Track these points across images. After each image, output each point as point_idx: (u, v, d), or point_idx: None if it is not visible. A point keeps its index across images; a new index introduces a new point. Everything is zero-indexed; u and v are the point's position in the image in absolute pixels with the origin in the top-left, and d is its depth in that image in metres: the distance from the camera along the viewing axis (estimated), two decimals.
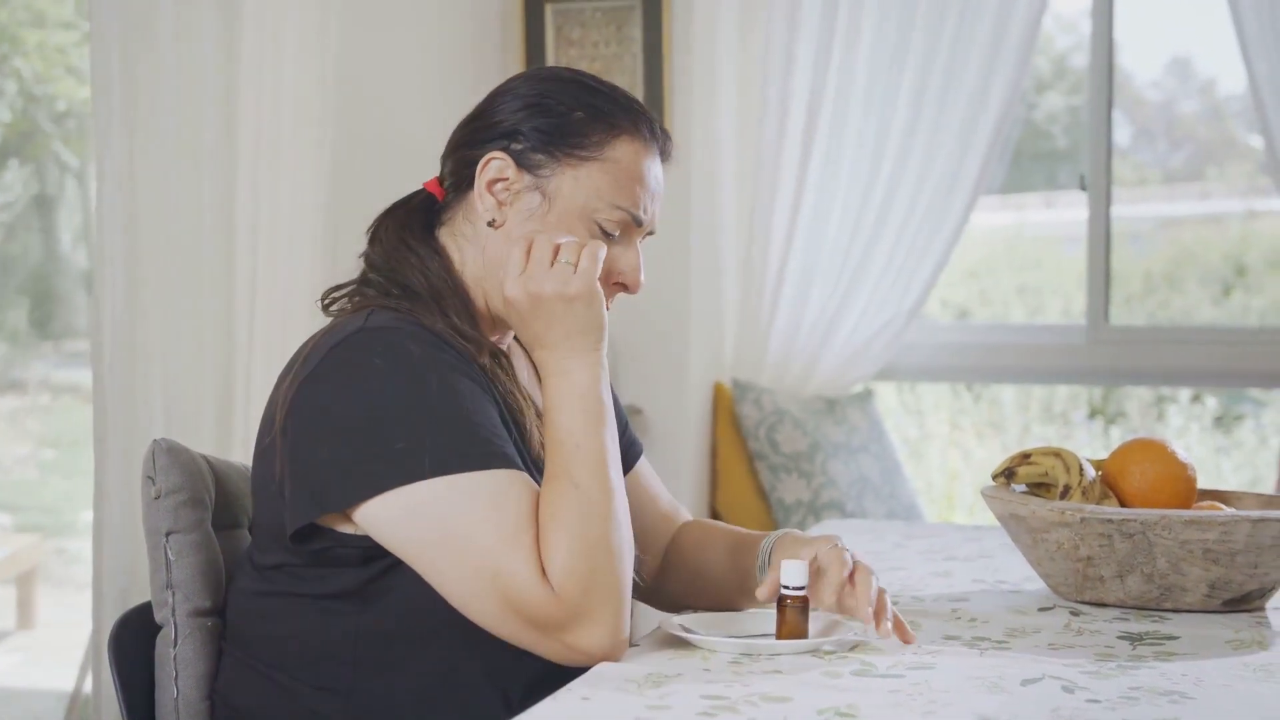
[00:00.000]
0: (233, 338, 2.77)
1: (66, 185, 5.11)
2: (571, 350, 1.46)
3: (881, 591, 1.50)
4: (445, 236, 1.58)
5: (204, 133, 2.70)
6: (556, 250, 1.47)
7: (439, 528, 1.38)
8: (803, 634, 1.46)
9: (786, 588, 1.46)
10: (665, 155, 1.61)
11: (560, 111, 1.54)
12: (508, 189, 1.53)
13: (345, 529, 1.44)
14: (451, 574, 1.39)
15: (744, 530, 1.73)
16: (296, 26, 2.82)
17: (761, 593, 1.50)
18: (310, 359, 1.46)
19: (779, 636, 1.46)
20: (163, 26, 2.61)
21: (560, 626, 1.37)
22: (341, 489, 1.40)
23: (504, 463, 1.40)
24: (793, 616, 1.46)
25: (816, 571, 1.51)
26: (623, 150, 1.54)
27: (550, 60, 3.73)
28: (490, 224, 1.54)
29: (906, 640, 1.49)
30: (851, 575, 1.50)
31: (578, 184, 1.53)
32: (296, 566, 1.48)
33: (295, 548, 1.47)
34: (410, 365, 1.42)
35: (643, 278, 1.58)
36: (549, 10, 3.73)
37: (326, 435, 1.41)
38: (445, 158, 1.61)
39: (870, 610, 1.47)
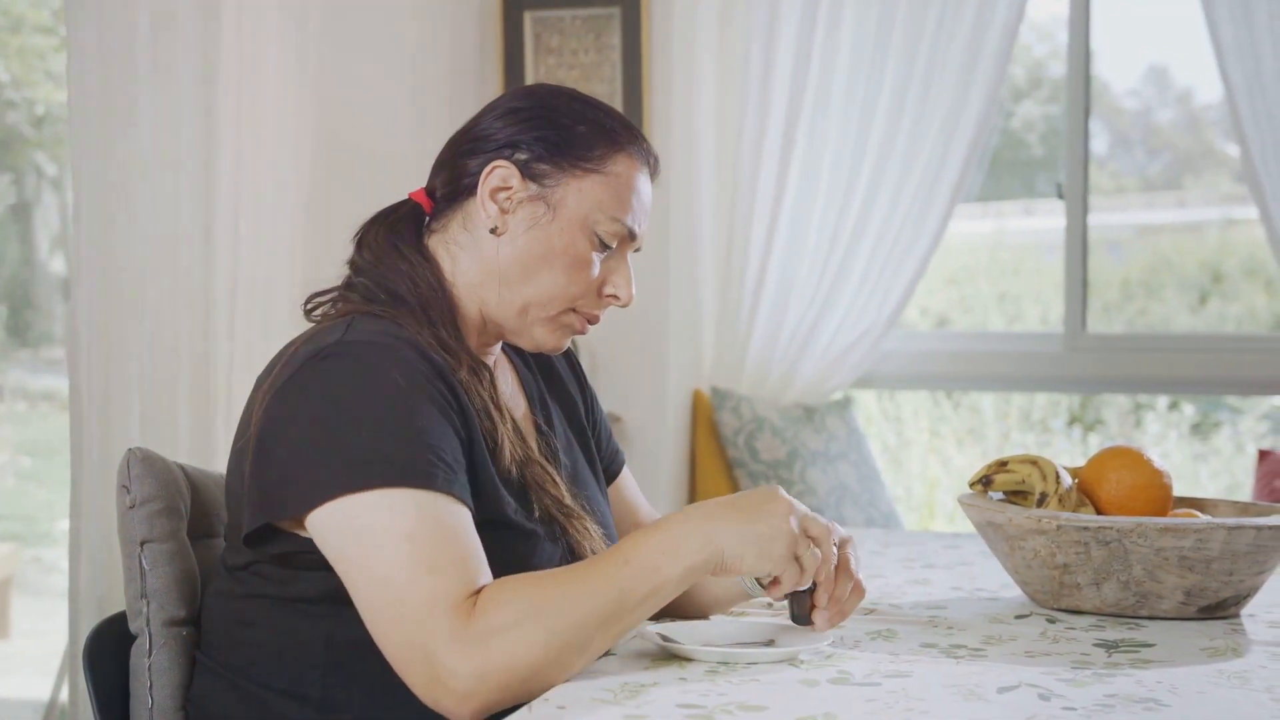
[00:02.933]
0: (210, 345, 2.76)
1: (43, 191, 5.09)
2: (716, 530, 1.42)
3: (855, 594, 1.53)
4: (436, 245, 1.60)
5: (182, 139, 2.69)
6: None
7: (358, 539, 1.38)
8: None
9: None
10: (654, 175, 1.64)
11: (564, 124, 1.57)
12: (510, 198, 1.56)
13: (305, 533, 1.44)
14: (359, 584, 1.39)
15: None
16: (275, 32, 2.82)
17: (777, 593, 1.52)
18: (288, 367, 1.47)
19: (798, 615, 1.50)
20: (139, 31, 2.60)
21: (437, 653, 1.34)
22: (289, 498, 1.41)
23: (439, 485, 1.39)
24: (801, 603, 1.50)
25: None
26: (623, 165, 1.57)
27: (529, 68, 3.73)
28: (492, 231, 1.56)
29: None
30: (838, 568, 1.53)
31: (581, 195, 1.55)
32: (265, 566, 1.49)
33: (258, 550, 1.48)
34: (377, 382, 1.42)
35: (634, 290, 1.61)
36: (528, 18, 3.73)
37: (287, 444, 1.42)
38: (439, 167, 1.62)
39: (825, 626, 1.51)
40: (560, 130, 1.56)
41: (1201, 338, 4.34)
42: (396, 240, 1.58)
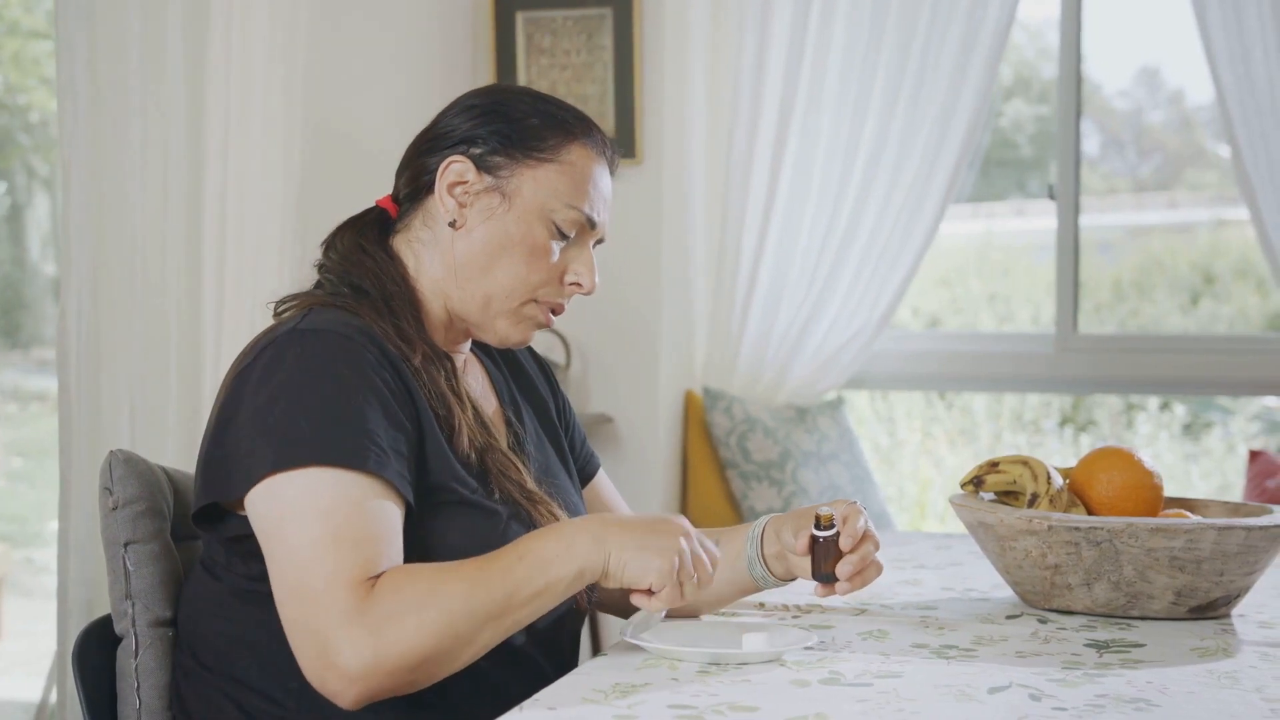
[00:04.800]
0: (198, 346, 2.75)
1: (35, 193, 5.09)
2: (606, 535, 1.43)
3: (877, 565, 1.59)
4: (400, 244, 1.62)
5: (170, 141, 2.69)
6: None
7: (278, 516, 1.39)
8: (834, 572, 1.56)
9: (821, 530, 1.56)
10: (613, 167, 1.66)
11: (517, 117, 1.59)
12: (467, 191, 1.58)
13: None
14: (271, 561, 1.40)
15: (715, 528, 1.77)
16: (264, 36, 2.81)
17: (801, 545, 1.57)
18: (247, 355, 1.50)
19: (822, 571, 1.56)
20: (129, 35, 2.60)
21: (330, 629, 1.35)
22: (229, 478, 1.43)
23: (369, 467, 1.40)
24: (825, 552, 1.56)
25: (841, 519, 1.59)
26: (577, 154, 1.60)
27: (521, 68, 3.73)
28: (451, 225, 1.58)
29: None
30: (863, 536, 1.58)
31: (536, 184, 1.57)
32: (236, 559, 1.49)
33: (210, 531, 1.50)
34: (320, 368, 1.44)
35: (597, 279, 1.63)
36: (520, 19, 3.73)
37: (232, 428, 1.44)
38: (401, 169, 1.65)
39: (848, 576, 1.55)
40: (513, 123, 1.59)
41: (1193, 338, 4.35)
42: (362, 241, 1.61)
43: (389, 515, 1.42)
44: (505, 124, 1.58)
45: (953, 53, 3.72)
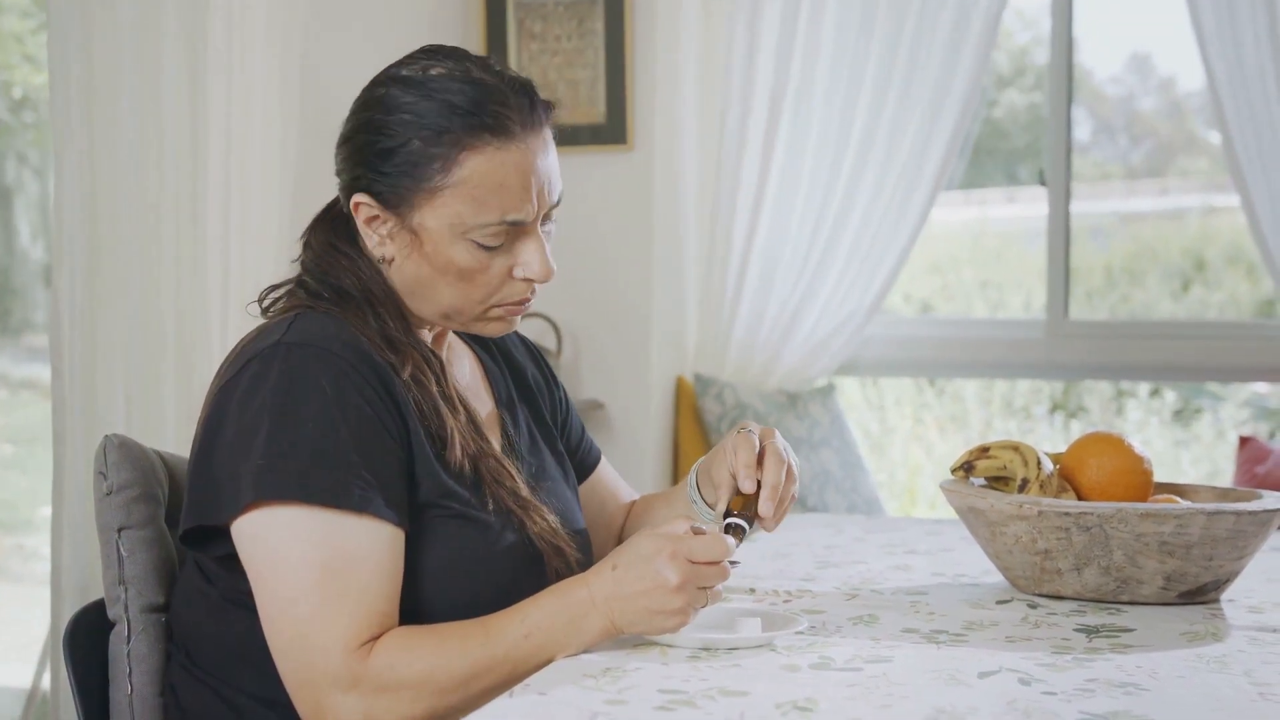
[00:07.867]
0: (194, 331, 2.75)
1: (24, 177, 5.07)
2: (614, 611, 1.39)
3: (790, 481, 1.56)
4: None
5: (166, 123, 2.68)
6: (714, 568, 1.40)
7: (266, 556, 1.38)
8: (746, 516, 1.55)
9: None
10: (538, 125, 1.50)
11: (394, 147, 1.48)
12: (383, 225, 1.51)
13: None
14: (263, 602, 1.39)
15: (660, 494, 1.81)
16: (260, 17, 2.81)
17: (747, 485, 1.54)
18: (232, 366, 1.46)
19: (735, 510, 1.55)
20: (123, 14, 2.59)
21: (325, 691, 1.36)
22: (216, 503, 1.41)
23: (354, 505, 1.38)
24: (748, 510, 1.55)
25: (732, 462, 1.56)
26: (471, 166, 1.46)
27: (512, 54, 3.72)
28: (381, 260, 1.52)
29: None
30: (761, 458, 1.55)
31: (438, 214, 1.48)
32: (227, 573, 1.48)
33: (198, 550, 1.48)
34: (304, 391, 1.40)
35: (552, 264, 1.52)
36: (511, 4, 3.73)
37: (217, 449, 1.42)
38: (337, 175, 1.58)
39: (770, 505, 1.54)
40: (391, 155, 1.47)
41: (1183, 324, 4.36)
42: (334, 239, 1.56)
43: (379, 558, 1.39)
44: (381, 160, 1.47)
45: (944, 39, 3.72)
